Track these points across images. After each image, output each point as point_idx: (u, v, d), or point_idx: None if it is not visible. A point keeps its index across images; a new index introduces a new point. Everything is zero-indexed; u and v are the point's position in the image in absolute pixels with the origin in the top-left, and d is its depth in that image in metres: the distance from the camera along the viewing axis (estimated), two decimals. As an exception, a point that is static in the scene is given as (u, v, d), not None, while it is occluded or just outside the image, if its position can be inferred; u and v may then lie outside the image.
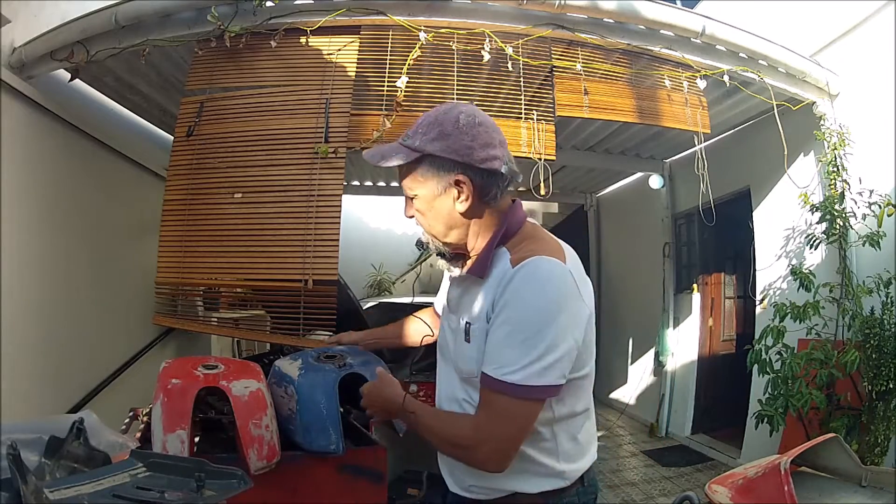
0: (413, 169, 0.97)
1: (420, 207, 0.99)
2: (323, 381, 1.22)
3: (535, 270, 0.88)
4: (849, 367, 2.44)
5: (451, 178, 0.95)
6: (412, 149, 0.95)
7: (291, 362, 1.30)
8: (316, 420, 1.19)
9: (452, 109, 0.96)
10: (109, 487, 0.73)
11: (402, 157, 0.96)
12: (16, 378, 2.33)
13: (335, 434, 1.18)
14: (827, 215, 2.89)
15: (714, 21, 2.63)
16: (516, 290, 0.87)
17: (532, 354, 0.84)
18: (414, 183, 0.98)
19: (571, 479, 1.00)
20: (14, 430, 0.81)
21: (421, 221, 1.02)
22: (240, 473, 0.79)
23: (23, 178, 2.51)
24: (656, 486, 3.48)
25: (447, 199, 0.96)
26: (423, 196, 0.98)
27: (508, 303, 0.88)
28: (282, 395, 1.25)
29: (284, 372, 1.27)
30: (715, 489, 1.51)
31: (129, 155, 3.29)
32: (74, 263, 2.85)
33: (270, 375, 1.30)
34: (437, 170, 0.95)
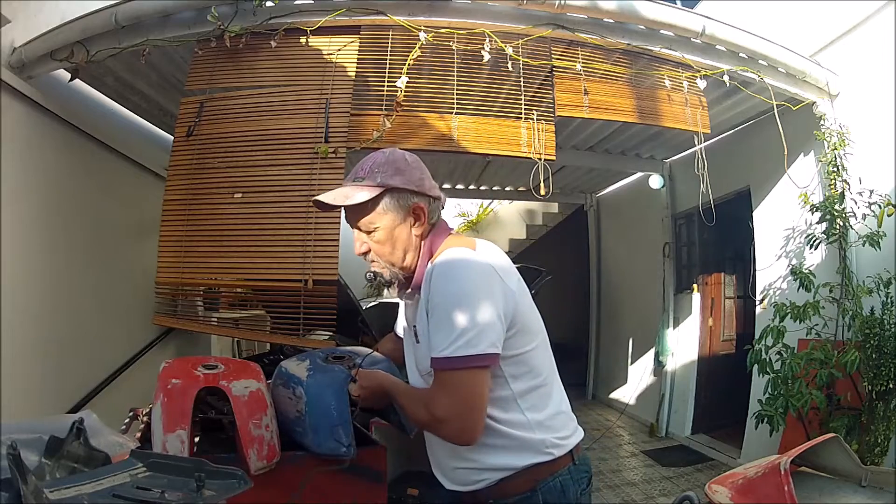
0: (375, 204, 1.08)
1: (380, 238, 1.10)
2: (333, 382, 1.19)
3: (444, 262, 1.02)
4: (849, 367, 2.44)
5: (410, 206, 1.10)
6: (375, 185, 1.07)
7: (299, 363, 1.27)
8: (326, 422, 1.15)
9: (395, 151, 1.14)
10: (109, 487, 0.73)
11: (367, 193, 1.06)
12: (16, 378, 2.33)
13: (346, 436, 1.15)
14: (827, 215, 2.89)
15: (714, 21, 2.63)
16: (434, 284, 1.00)
17: (456, 330, 0.95)
18: (375, 217, 1.09)
19: (558, 451, 1.04)
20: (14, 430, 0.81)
21: (380, 252, 1.11)
22: (240, 473, 0.79)
23: (23, 178, 2.51)
24: (656, 486, 3.48)
25: (406, 226, 1.10)
26: (384, 227, 1.09)
27: (430, 297, 1.01)
28: (289, 396, 1.21)
29: (292, 373, 1.23)
30: (715, 489, 1.51)
31: (129, 155, 3.29)
32: (74, 263, 2.85)
33: (276, 376, 1.27)
34: (397, 201, 1.08)
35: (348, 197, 1.07)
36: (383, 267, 1.13)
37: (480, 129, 2.47)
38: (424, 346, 1.06)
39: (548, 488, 1.03)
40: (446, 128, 2.45)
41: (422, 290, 1.07)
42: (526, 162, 2.50)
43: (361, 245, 1.13)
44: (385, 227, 1.09)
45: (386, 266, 1.12)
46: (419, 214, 1.10)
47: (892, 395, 2.44)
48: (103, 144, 3.07)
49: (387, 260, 1.12)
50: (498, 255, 1.08)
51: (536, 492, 1.02)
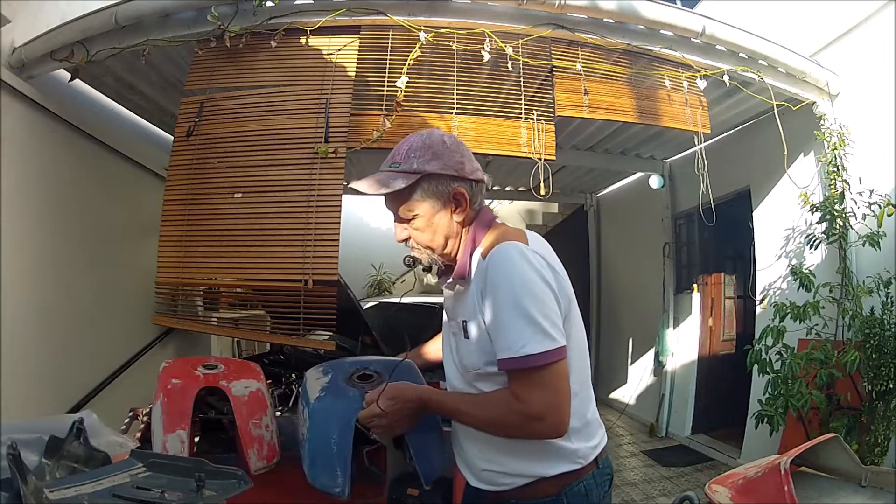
0: (412, 191, 1.04)
1: (419, 225, 1.06)
2: (340, 413, 1.09)
3: (503, 254, 0.97)
4: (849, 367, 2.44)
5: (450, 192, 1.05)
6: (411, 171, 1.03)
7: (319, 377, 1.18)
8: (323, 455, 1.07)
9: (433, 133, 1.09)
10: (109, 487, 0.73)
11: (404, 180, 1.02)
12: (16, 378, 2.33)
13: (342, 476, 1.06)
14: (827, 215, 2.88)
15: (714, 21, 2.63)
16: (492, 277, 0.96)
17: (531, 324, 0.91)
18: (413, 204, 1.05)
19: (586, 460, 1.03)
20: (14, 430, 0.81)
21: (420, 239, 1.07)
22: (240, 473, 0.79)
23: (23, 177, 2.51)
24: (656, 486, 3.48)
25: (446, 213, 1.06)
26: (424, 213, 1.05)
27: (489, 291, 0.96)
28: (301, 412, 1.16)
29: (307, 388, 1.16)
30: (715, 489, 1.51)
31: (129, 155, 3.29)
32: (74, 263, 2.85)
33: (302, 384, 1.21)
34: (435, 187, 1.04)
35: (384, 185, 1.03)
36: (423, 254, 1.09)
37: (480, 129, 2.47)
38: (475, 343, 1.01)
39: (573, 493, 1.01)
40: (446, 128, 2.45)
41: (472, 282, 1.03)
42: (526, 162, 2.50)
43: (401, 231, 1.09)
44: (424, 214, 1.05)
45: (426, 253, 1.08)
46: (460, 200, 1.06)
47: (892, 395, 2.44)
48: (103, 144, 3.07)
49: (427, 247, 1.08)
50: (549, 249, 1.05)
51: (561, 496, 1.01)
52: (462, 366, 1.07)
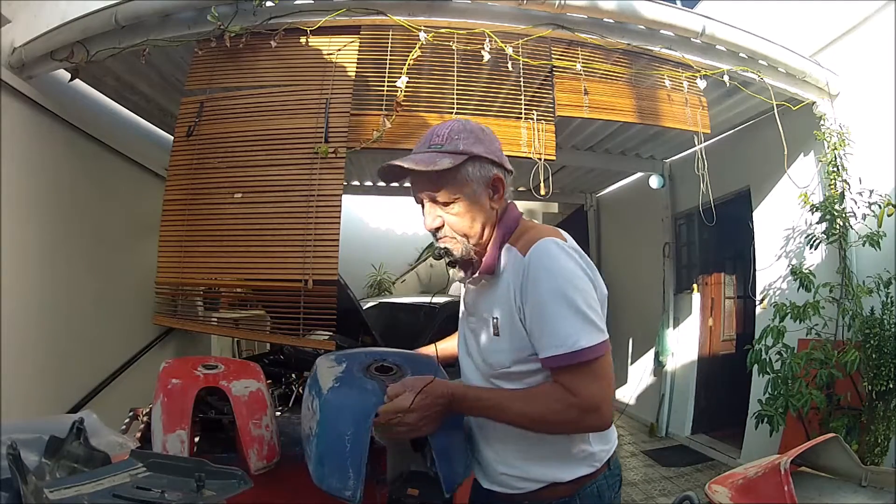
0: (457, 172, 0.99)
1: (459, 210, 1.01)
2: (356, 406, 0.97)
3: (545, 250, 0.95)
4: (849, 367, 2.44)
5: (491, 177, 1.02)
6: (457, 152, 0.98)
7: (332, 366, 1.07)
8: (335, 453, 0.95)
9: (468, 121, 1.05)
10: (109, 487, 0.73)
11: (450, 161, 0.98)
12: (16, 378, 2.33)
13: (354, 478, 0.94)
14: (827, 215, 2.89)
15: (714, 21, 2.63)
16: (536, 273, 0.93)
17: (580, 318, 0.91)
18: (455, 186, 1.00)
19: (601, 462, 1.03)
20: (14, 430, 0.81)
21: (458, 226, 1.02)
22: (240, 473, 0.79)
23: (23, 178, 2.51)
24: (656, 486, 3.48)
25: (485, 198, 1.02)
26: (466, 197, 1.00)
27: (533, 287, 0.93)
28: (308, 405, 1.04)
29: (318, 377, 1.04)
30: (715, 489, 1.51)
31: (129, 155, 3.29)
32: (74, 263, 2.85)
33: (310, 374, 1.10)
34: (479, 170, 1.01)
35: (430, 163, 0.97)
36: (456, 243, 1.03)
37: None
38: (507, 341, 0.98)
39: (586, 494, 1.01)
40: (446, 128, 2.45)
41: (503, 277, 1.00)
42: (526, 162, 2.50)
43: (434, 219, 1.03)
44: (466, 198, 1.00)
45: (460, 242, 1.02)
46: (498, 187, 1.03)
47: (892, 395, 2.44)
48: (103, 144, 3.07)
49: (463, 234, 1.02)
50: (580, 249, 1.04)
51: (575, 497, 1.00)
52: (486, 364, 1.03)
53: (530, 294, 0.93)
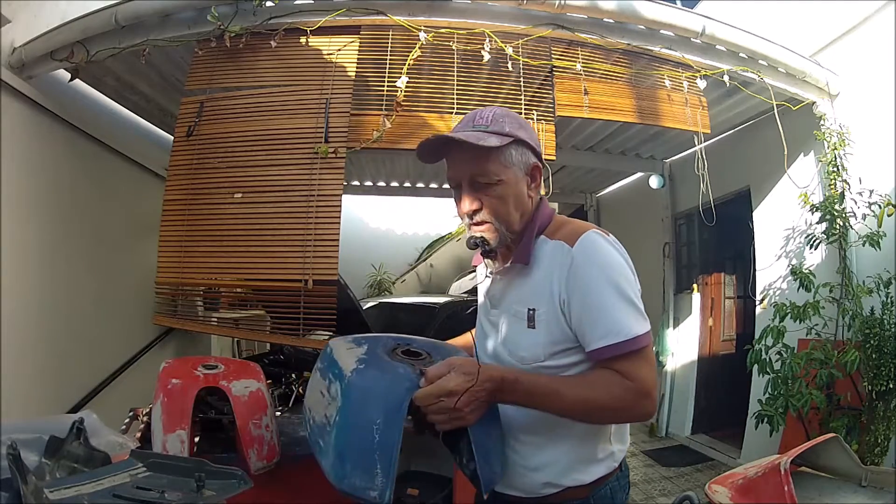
0: (499, 155, 0.96)
1: (501, 193, 0.97)
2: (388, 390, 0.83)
3: (595, 242, 0.94)
4: (849, 367, 2.44)
5: (531, 165, 1.01)
6: (503, 133, 0.96)
7: (352, 347, 0.93)
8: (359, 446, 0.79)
9: (509, 109, 1.04)
10: (109, 487, 0.73)
11: (497, 140, 0.95)
12: (16, 378, 2.33)
13: (383, 475, 0.78)
14: (827, 215, 2.89)
15: (714, 21, 2.63)
16: (585, 264, 0.92)
17: (631, 307, 0.91)
18: (500, 168, 0.97)
19: (617, 462, 1.02)
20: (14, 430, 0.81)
21: (497, 210, 0.98)
22: (240, 473, 0.79)
23: (23, 178, 2.51)
24: (656, 486, 3.48)
25: (524, 186, 1.00)
26: (508, 181, 0.97)
27: (583, 278, 0.92)
28: (322, 390, 0.89)
29: (335, 358, 0.90)
30: (715, 489, 1.51)
31: (129, 155, 3.29)
32: (74, 263, 2.85)
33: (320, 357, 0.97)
34: (521, 155, 0.99)
35: (480, 139, 0.94)
36: (493, 231, 0.98)
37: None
38: (544, 333, 0.95)
39: (599, 496, 0.99)
40: (446, 128, 2.45)
41: (538, 268, 0.98)
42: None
43: (472, 202, 0.98)
44: (508, 182, 0.97)
45: (498, 229, 0.98)
46: (536, 175, 1.02)
47: (892, 395, 2.44)
48: (103, 144, 3.07)
49: (503, 220, 0.98)
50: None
51: (589, 499, 0.98)
52: (516, 358, 0.98)
53: (579, 285, 0.92)
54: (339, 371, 0.85)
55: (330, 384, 0.86)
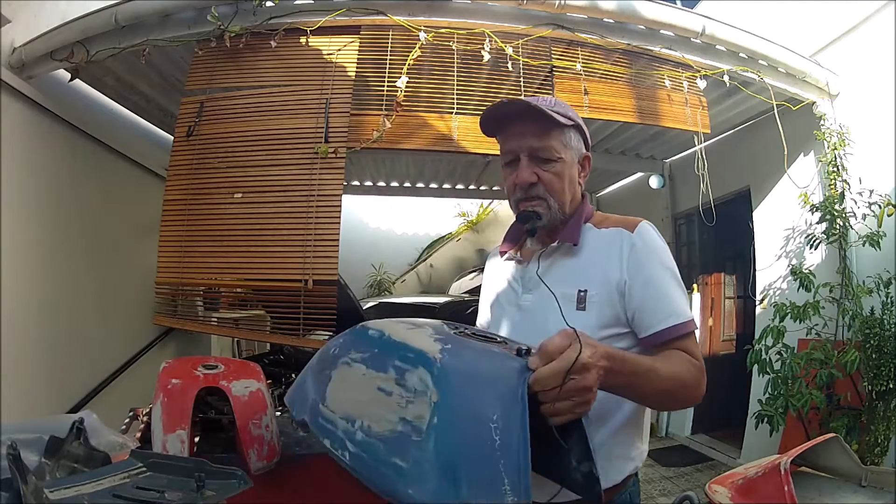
0: (560, 134, 0.99)
1: (559, 170, 0.99)
2: (498, 375, 0.64)
3: (649, 230, 0.99)
4: (849, 367, 2.44)
5: (583, 154, 1.05)
6: (566, 116, 0.99)
7: (412, 328, 0.71)
8: (477, 456, 0.57)
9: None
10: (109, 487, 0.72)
11: (564, 119, 0.98)
12: (16, 378, 2.34)
13: (514, 492, 0.56)
14: (827, 215, 2.89)
15: (714, 21, 2.63)
16: (647, 249, 0.96)
17: (684, 293, 0.96)
18: (560, 146, 0.99)
19: (641, 462, 1.01)
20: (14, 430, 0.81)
21: (554, 185, 0.99)
22: (240, 473, 0.79)
23: (23, 178, 2.51)
24: (656, 486, 3.48)
25: (576, 170, 1.03)
26: (566, 160, 1.00)
27: (645, 262, 0.95)
28: (383, 387, 0.62)
29: (398, 340, 0.66)
30: (715, 489, 1.51)
31: (129, 155, 3.29)
32: (74, 263, 2.85)
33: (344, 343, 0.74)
34: (577, 142, 1.03)
35: (549, 112, 0.95)
36: (546, 208, 0.99)
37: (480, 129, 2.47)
38: (594, 315, 0.93)
39: (619, 502, 0.97)
40: (446, 128, 2.45)
41: (603, 251, 0.97)
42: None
43: (531, 174, 0.98)
44: (566, 162, 1.00)
45: (551, 206, 0.99)
46: (586, 165, 1.06)
47: (892, 395, 2.44)
48: (103, 144, 3.07)
49: (557, 198, 0.99)
50: None
51: None
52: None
53: (642, 268, 0.94)
54: (416, 355, 0.62)
55: (402, 375, 0.61)
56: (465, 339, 0.69)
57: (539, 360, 0.66)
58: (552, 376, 0.64)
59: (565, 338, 0.68)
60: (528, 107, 0.97)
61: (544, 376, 0.64)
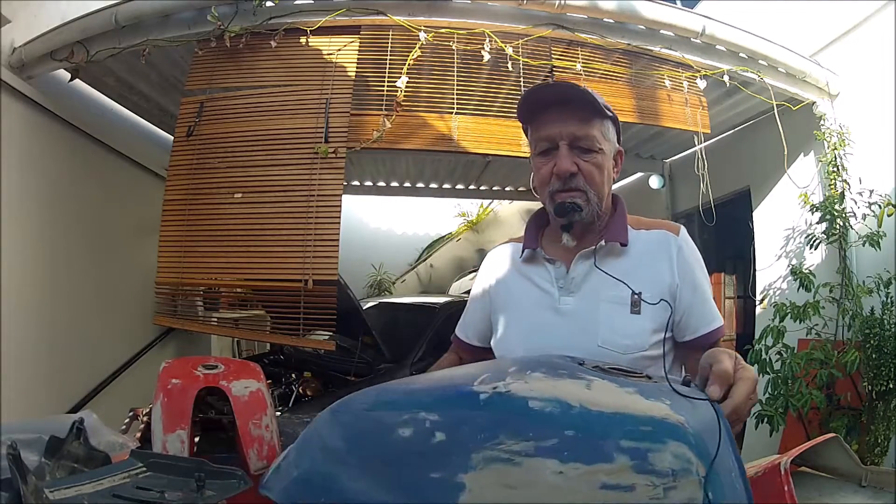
0: (600, 124, 0.94)
1: (598, 161, 0.93)
2: (707, 419, 0.55)
3: (688, 235, 1.00)
4: (849, 367, 2.44)
5: (618, 149, 1.00)
6: (607, 107, 0.94)
7: (557, 379, 0.56)
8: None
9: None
10: (109, 487, 0.72)
11: (604, 110, 0.94)
12: (16, 378, 2.34)
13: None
14: (827, 215, 2.89)
15: (714, 21, 2.63)
16: (692, 253, 0.98)
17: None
18: (601, 137, 0.94)
19: None
20: (14, 430, 0.81)
21: (593, 176, 0.93)
22: (240, 473, 0.79)
23: (23, 178, 2.52)
24: (656, 486, 3.48)
25: (612, 164, 0.99)
26: (606, 152, 0.95)
27: (692, 265, 0.96)
28: (612, 481, 0.46)
29: (611, 411, 0.50)
30: (715, 489, 1.51)
31: (129, 155, 3.29)
32: (74, 263, 2.85)
33: (476, 426, 0.49)
34: (614, 135, 0.98)
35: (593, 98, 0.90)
36: (586, 201, 0.92)
37: (480, 129, 2.47)
38: (649, 319, 0.89)
39: None
40: (446, 128, 2.45)
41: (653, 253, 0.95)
42: (526, 162, 2.49)
43: (571, 164, 0.91)
44: (605, 153, 0.94)
45: (591, 199, 0.93)
46: (618, 161, 1.01)
47: (892, 395, 2.44)
48: (103, 144, 3.07)
49: (597, 190, 0.93)
50: None
51: None
52: (620, 346, 0.87)
53: (691, 272, 0.95)
54: (655, 426, 0.49)
55: (643, 457, 0.47)
56: (642, 383, 0.58)
57: (719, 388, 0.62)
58: (745, 402, 0.63)
59: (729, 358, 0.65)
60: (572, 90, 0.92)
61: (740, 405, 0.62)
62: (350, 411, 0.57)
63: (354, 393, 0.62)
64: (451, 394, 0.54)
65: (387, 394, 0.59)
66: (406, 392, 0.59)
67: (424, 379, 0.69)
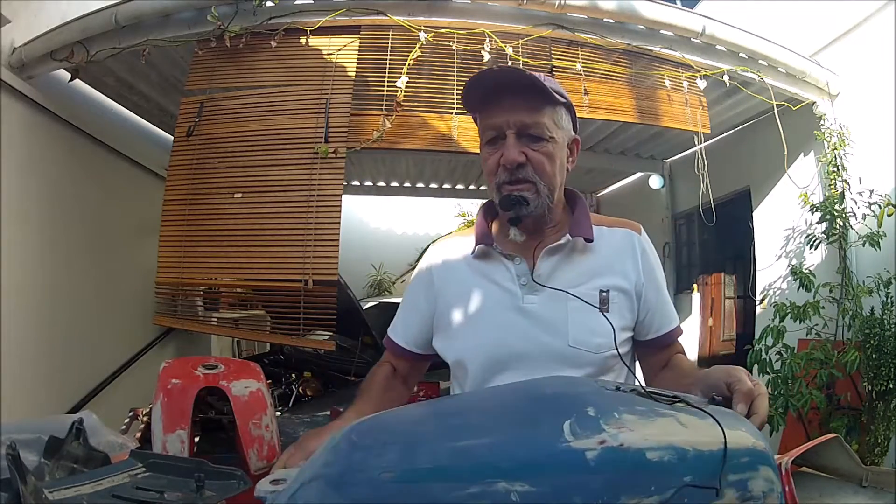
0: (552, 111, 0.88)
1: (549, 151, 0.87)
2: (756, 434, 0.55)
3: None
4: (849, 367, 2.44)
5: (573, 137, 0.95)
6: (559, 93, 0.88)
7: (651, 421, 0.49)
8: None
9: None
10: (109, 487, 0.72)
11: (557, 95, 0.88)
12: (16, 378, 2.33)
13: None
14: (827, 215, 2.88)
15: (714, 21, 2.63)
16: (652, 252, 0.97)
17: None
18: (552, 125, 0.88)
19: None
20: (14, 430, 0.81)
21: (543, 166, 0.87)
22: (240, 473, 0.79)
23: (23, 178, 2.51)
24: (656, 486, 3.48)
25: (565, 154, 0.93)
26: (558, 141, 0.89)
27: (654, 264, 0.96)
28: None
29: (712, 449, 0.48)
30: (715, 489, 1.51)
31: (129, 155, 3.29)
32: (74, 263, 2.85)
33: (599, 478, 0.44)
34: (568, 122, 0.93)
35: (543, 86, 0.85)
36: (535, 193, 0.87)
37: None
38: (618, 317, 0.87)
39: None
40: (446, 128, 2.45)
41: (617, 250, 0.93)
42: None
43: (519, 153, 0.85)
44: (557, 143, 0.89)
45: (540, 191, 0.87)
46: (574, 150, 0.95)
47: (892, 395, 2.44)
48: (103, 144, 3.07)
49: (547, 182, 0.87)
50: None
51: None
52: (591, 345, 0.85)
53: (652, 271, 0.95)
54: (751, 455, 0.50)
55: (745, 486, 0.49)
56: (699, 408, 0.54)
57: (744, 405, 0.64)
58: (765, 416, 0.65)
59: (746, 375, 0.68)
60: (520, 76, 0.85)
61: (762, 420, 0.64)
62: (360, 482, 0.41)
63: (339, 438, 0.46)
64: (540, 455, 0.43)
65: (422, 453, 0.43)
66: (455, 452, 0.44)
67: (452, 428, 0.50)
